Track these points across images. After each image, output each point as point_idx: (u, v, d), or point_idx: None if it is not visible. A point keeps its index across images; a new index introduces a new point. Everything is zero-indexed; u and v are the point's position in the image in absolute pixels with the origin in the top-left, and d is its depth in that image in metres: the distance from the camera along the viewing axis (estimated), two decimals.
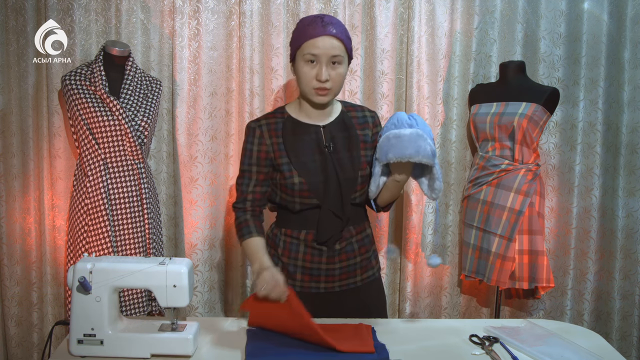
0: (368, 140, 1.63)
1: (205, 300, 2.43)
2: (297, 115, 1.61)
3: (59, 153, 2.27)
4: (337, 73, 1.51)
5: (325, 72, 1.49)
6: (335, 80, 1.52)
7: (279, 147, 1.57)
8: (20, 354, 2.37)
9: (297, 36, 1.53)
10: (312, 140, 1.58)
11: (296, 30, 1.54)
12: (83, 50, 2.24)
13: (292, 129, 1.59)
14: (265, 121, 1.61)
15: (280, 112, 1.63)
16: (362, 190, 1.60)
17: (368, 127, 1.64)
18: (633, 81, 2.41)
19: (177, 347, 1.31)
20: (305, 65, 1.51)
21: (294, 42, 1.54)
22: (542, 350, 1.35)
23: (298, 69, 1.53)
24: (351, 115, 1.64)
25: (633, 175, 2.46)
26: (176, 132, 2.33)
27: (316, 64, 1.50)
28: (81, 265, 1.29)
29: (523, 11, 2.39)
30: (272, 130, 1.59)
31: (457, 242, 2.53)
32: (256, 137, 1.58)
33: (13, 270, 2.32)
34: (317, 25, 1.48)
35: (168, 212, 2.39)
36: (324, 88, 1.51)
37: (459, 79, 2.41)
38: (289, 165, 1.55)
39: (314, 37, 1.47)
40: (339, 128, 1.61)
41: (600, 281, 2.53)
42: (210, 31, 2.31)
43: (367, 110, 1.69)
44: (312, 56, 1.49)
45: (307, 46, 1.49)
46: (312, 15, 1.56)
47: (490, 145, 2.30)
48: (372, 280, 1.66)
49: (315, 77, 1.50)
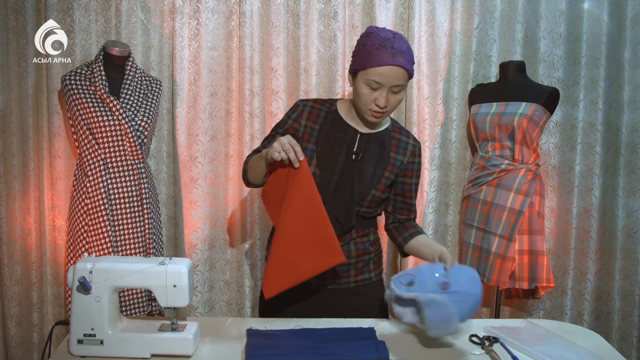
0: (397, 165, 1.61)
1: (205, 300, 2.43)
2: (345, 114, 1.61)
3: (59, 153, 2.27)
4: (396, 99, 1.50)
5: (386, 99, 1.47)
6: (392, 105, 1.51)
7: (311, 132, 1.57)
8: (20, 354, 2.37)
9: (363, 56, 1.48)
10: (345, 142, 1.57)
11: (362, 47, 1.49)
12: (83, 50, 2.24)
13: (332, 122, 1.59)
14: (312, 104, 1.61)
15: (330, 103, 1.63)
16: (371, 207, 1.59)
17: (405, 154, 1.62)
18: (633, 81, 2.41)
19: (177, 347, 1.31)
20: (366, 87, 1.48)
21: (359, 60, 1.49)
22: (542, 350, 1.35)
23: (358, 88, 1.50)
24: (393, 136, 1.63)
25: (633, 175, 2.46)
26: (176, 132, 2.33)
27: (378, 89, 1.47)
28: (81, 265, 1.29)
29: (523, 11, 2.39)
30: (313, 115, 1.59)
31: (457, 242, 2.53)
32: (296, 112, 1.60)
33: (13, 270, 2.32)
34: (387, 52, 1.43)
35: (168, 212, 2.39)
36: (380, 112, 1.51)
37: (459, 79, 2.41)
38: (313, 152, 1.55)
39: (381, 66, 1.44)
40: (376, 142, 1.60)
41: (600, 281, 2.53)
42: (210, 31, 2.31)
43: (412, 138, 1.66)
44: (375, 83, 1.46)
45: (372, 72, 1.45)
46: (382, 34, 1.47)
47: (490, 145, 2.30)
48: (368, 283, 1.64)
49: (374, 101, 1.48)
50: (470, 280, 1.33)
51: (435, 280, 1.34)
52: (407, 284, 1.35)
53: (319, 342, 1.38)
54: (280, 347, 1.33)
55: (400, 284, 1.36)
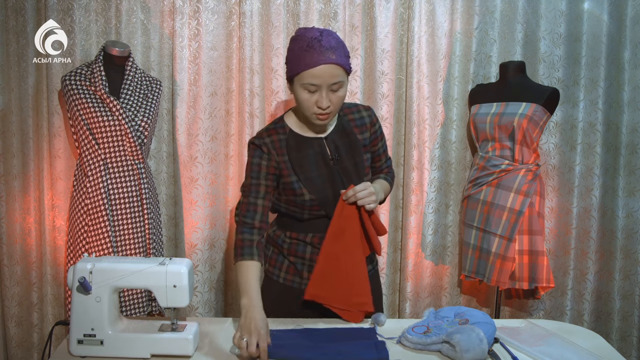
0: (367, 144, 1.63)
1: (205, 300, 2.43)
2: (299, 128, 1.58)
3: (59, 153, 2.27)
4: (338, 96, 1.47)
5: (326, 99, 1.44)
6: (335, 104, 1.48)
7: (287, 165, 1.54)
8: (20, 354, 2.37)
9: (294, 61, 1.44)
10: (317, 154, 1.56)
11: (291, 52, 1.46)
12: (83, 50, 2.24)
13: (295, 145, 1.55)
14: (269, 139, 1.55)
15: (282, 127, 1.58)
16: None
17: (366, 129, 1.63)
18: (633, 81, 2.41)
19: (177, 347, 1.31)
20: (304, 92, 1.45)
21: (291, 66, 1.45)
22: (542, 350, 1.35)
23: (297, 94, 1.47)
24: (348, 119, 1.62)
25: (633, 175, 2.46)
26: (176, 132, 2.33)
27: (316, 91, 1.44)
28: (81, 265, 1.29)
29: (523, 11, 2.39)
30: (277, 148, 1.55)
31: (457, 242, 2.53)
32: (265, 153, 1.54)
33: (13, 270, 2.32)
34: (315, 52, 1.40)
35: (168, 212, 2.39)
36: (325, 114, 1.48)
37: (459, 79, 2.41)
38: (299, 183, 1.53)
39: (313, 67, 1.40)
40: (340, 136, 1.59)
41: (600, 281, 2.53)
42: (210, 31, 2.31)
43: (362, 108, 1.64)
44: (312, 86, 1.42)
45: (305, 75, 1.41)
46: (308, 34, 1.44)
47: (490, 145, 2.30)
48: (372, 274, 1.66)
49: (316, 103, 1.45)
50: (482, 314, 1.43)
51: (451, 323, 1.41)
52: (424, 333, 1.39)
53: (320, 342, 1.38)
54: (281, 347, 1.34)
55: (418, 333, 1.39)
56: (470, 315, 1.42)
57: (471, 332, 1.31)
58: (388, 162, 1.75)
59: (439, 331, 1.38)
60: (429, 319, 1.48)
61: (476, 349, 1.28)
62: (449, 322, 1.43)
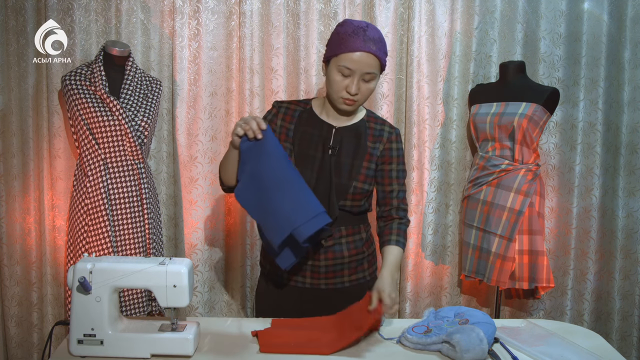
0: (376, 154, 1.62)
1: (205, 300, 2.43)
2: (319, 110, 1.64)
3: (59, 153, 2.27)
4: (368, 87, 1.53)
5: (357, 86, 1.50)
6: (364, 94, 1.53)
7: (287, 132, 1.60)
8: (20, 354, 2.37)
9: (336, 42, 1.50)
10: (320, 137, 1.59)
11: (336, 35, 1.51)
12: (83, 50, 2.24)
13: (306, 120, 1.61)
14: (287, 104, 1.64)
15: (305, 103, 1.66)
16: (356, 200, 1.58)
17: (381, 141, 1.63)
18: (633, 81, 2.41)
19: (177, 347, 1.31)
20: (338, 74, 1.50)
21: (332, 47, 1.51)
22: (542, 350, 1.35)
23: (330, 75, 1.52)
24: (368, 126, 1.64)
25: (633, 175, 2.46)
26: (176, 132, 2.33)
27: (349, 75, 1.49)
28: (81, 265, 1.29)
29: (523, 11, 2.39)
30: (288, 115, 1.62)
31: (457, 242, 2.53)
32: (271, 114, 1.63)
33: (13, 270, 2.32)
34: (359, 39, 1.46)
35: (168, 212, 2.39)
36: (352, 100, 1.52)
37: (459, 79, 2.41)
38: (290, 151, 1.58)
39: (353, 52, 1.46)
40: (351, 134, 1.61)
41: (600, 281, 2.53)
42: (210, 31, 2.31)
43: (388, 125, 1.66)
44: (347, 69, 1.48)
45: (344, 58, 1.47)
46: (356, 23, 1.50)
47: (490, 145, 2.30)
48: (363, 283, 1.64)
49: (346, 88, 1.50)
50: (482, 314, 1.44)
51: (451, 323, 1.42)
52: (424, 333, 1.39)
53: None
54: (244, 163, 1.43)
55: (418, 333, 1.39)
56: (470, 315, 1.42)
57: (471, 332, 1.31)
58: (400, 195, 1.64)
59: (439, 331, 1.38)
60: (429, 319, 1.48)
61: (476, 349, 1.28)
62: (449, 322, 1.43)
